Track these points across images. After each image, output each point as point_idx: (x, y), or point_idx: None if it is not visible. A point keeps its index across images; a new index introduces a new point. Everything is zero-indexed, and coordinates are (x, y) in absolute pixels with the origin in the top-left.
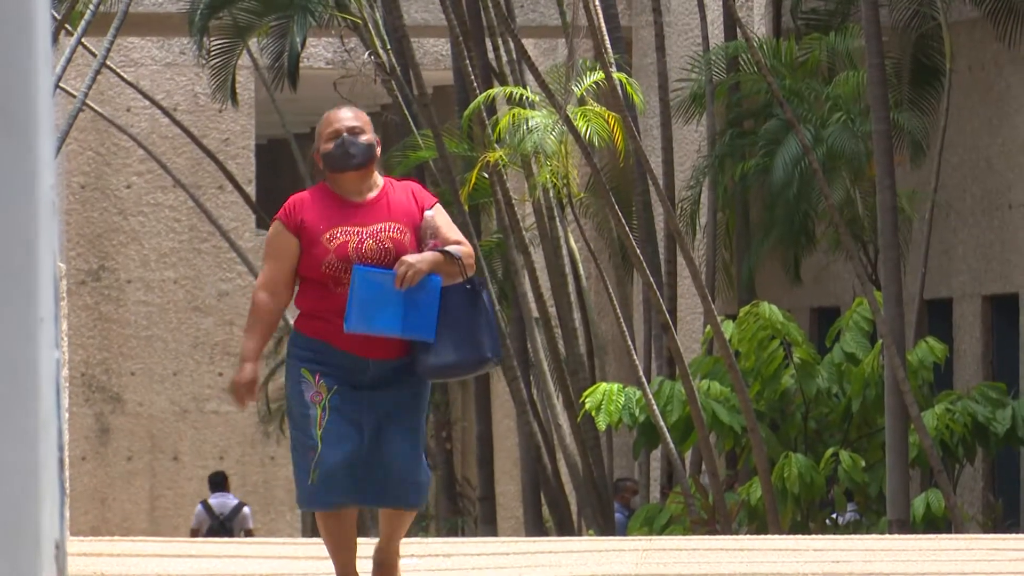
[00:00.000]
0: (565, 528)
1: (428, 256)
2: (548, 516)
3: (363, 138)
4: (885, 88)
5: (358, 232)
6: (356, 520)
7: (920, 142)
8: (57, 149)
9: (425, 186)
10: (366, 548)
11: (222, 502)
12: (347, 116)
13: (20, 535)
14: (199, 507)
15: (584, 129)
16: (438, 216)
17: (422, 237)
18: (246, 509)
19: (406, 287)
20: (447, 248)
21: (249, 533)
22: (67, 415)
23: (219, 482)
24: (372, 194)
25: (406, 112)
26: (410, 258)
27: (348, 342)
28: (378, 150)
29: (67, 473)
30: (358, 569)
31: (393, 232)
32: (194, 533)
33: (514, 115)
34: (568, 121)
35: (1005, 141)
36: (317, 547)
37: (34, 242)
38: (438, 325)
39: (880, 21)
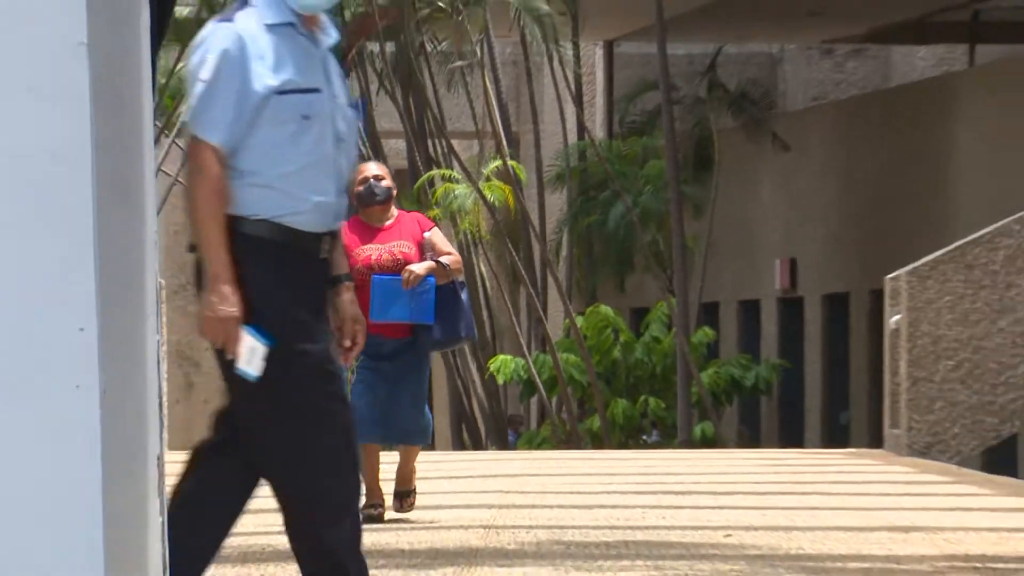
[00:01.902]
0: (477, 446)
1: (426, 264)
2: (467, 439)
3: (384, 183)
4: (677, 171)
5: (378, 248)
6: (379, 452)
7: (700, 205)
8: (159, 209)
9: None
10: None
11: None
12: (372, 167)
13: (135, 454)
14: None
15: (490, 196)
16: (435, 236)
17: (425, 250)
18: None
19: (410, 287)
20: (440, 259)
21: None
22: (165, 375)
23: None
24: (389, 222)
25: None
26: (413, 267)
27: (370, 328)
28: (394, 192)
29: (165, 411)
30: (381, 488)
31: (403, 248)
32: None
33: (446, 187)
34: (479, 191)
35: (753, 206)
36: None
37: (143, 267)
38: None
39: (675, 128)
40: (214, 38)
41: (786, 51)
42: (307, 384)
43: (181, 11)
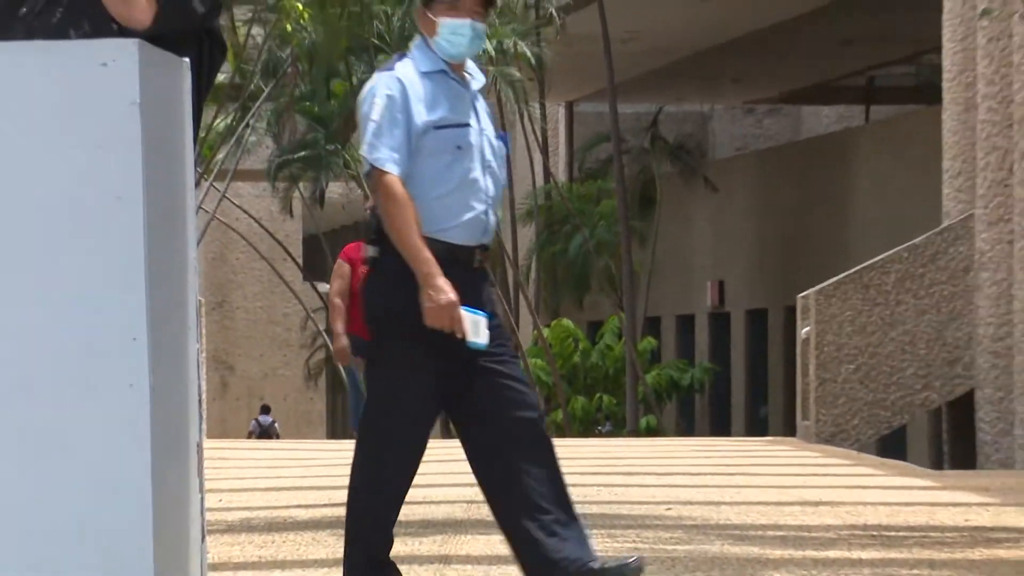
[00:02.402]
0: None
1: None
2: (453, 430)
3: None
4: (626, 209)
5: None
6: None
7: (644, 237)
8: (198, 240)
9: None
10: None
11: (264, 419)
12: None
13: (179, 441)
14: (253, 421)
15: None
16: None
17: None
18: (276, 424)
19: None
20: None
21: (277, 436)
22: (204, 376)
23: (266, 409)
24: None
25: None
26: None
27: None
28: None
29: (204, 407)
30: None
31: None
32: (249, 434)
33: None
34: None
35: (688, 237)
36: (335, 449)
37: (185, 288)
38: None
39: (624, 173)
40: (380, 85)
41: (715, 110)
42: (402, 387)
43: (218, 76)
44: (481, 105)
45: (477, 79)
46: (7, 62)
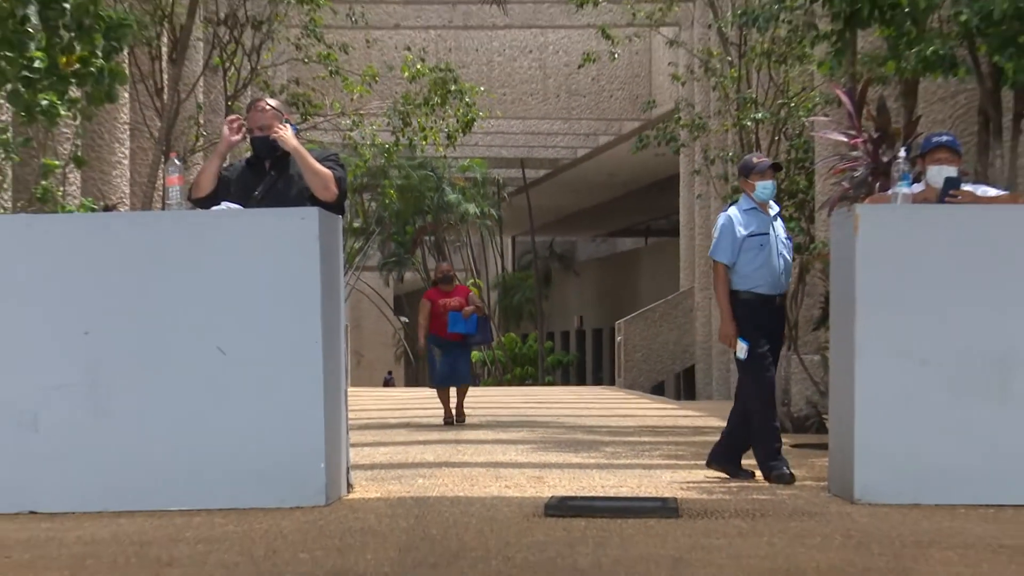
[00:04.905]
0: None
1: (472, 307)
2: None
3: (451, 273)
4: (540, 283)
5: (447, 301)
6: (450, 391)
7: (548, 296)
8: (345, 297)
9: None
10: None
11: (388, 377)
12: (445, 266)
13: (337, 390)
14: (385, 376)
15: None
16: (472, 296)
17: (470, 301)
18: (392, 378)
19: (467, 316)
20: (477, 304)
21: (393, 385)
22: (348, 359)
23: (390, 372)
24: (452, 288)
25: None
26: (467, 309)
27: (443, 335)
28: (455, 276)
29: (348, 374)
30: (451, 410)
31: (459, 300)
32: (383, 383)
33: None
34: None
35: (566, 296)
36: (423, 393)
37: (339, 318)
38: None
39: (538, 268)
40: (721, 217)
41: (578, 239)
42: (757, 363)
43: (354, 223)
44: (778, 223)
45: (774, 209)
46: (258, 219)
